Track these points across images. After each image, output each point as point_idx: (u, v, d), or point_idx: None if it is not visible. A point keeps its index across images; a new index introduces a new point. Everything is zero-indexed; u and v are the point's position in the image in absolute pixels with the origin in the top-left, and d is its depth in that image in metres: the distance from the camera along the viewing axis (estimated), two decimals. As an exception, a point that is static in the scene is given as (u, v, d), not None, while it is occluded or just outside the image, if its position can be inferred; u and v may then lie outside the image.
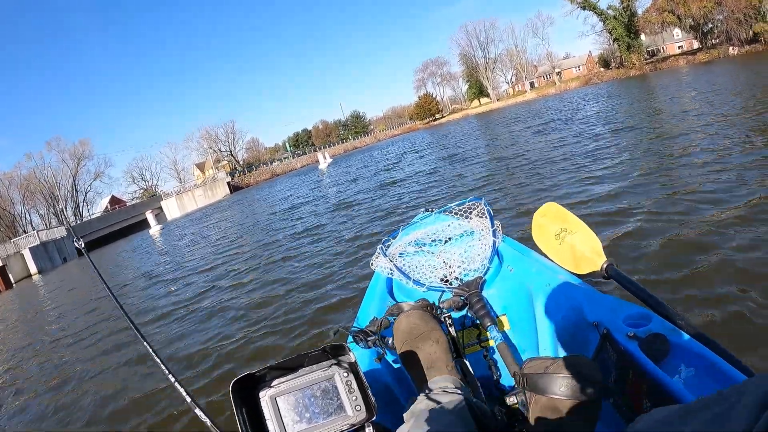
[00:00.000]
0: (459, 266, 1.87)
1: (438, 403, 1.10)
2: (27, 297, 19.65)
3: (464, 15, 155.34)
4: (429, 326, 1.38)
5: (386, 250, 2.16)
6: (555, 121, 18.99)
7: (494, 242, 1.94)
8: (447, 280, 1.84)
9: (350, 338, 1.54)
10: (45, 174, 67.65)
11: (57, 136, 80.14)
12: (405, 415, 1.16)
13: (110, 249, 33.62)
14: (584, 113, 19.80)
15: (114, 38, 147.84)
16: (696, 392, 1.07)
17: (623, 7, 55.65)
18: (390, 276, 2.02)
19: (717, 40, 49.04)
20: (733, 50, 45.32)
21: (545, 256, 2.11)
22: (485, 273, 1.81)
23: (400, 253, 2.11)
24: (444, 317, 1.52)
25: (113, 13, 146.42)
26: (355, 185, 17.19)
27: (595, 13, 58.56)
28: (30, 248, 34.97)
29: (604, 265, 1.78)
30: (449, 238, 2.14)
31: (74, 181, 70.72)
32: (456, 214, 2.29)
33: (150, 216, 37.58)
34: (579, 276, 1.89)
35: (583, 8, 58.91)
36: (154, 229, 34.43)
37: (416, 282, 1.83)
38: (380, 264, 2.07)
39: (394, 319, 1.48)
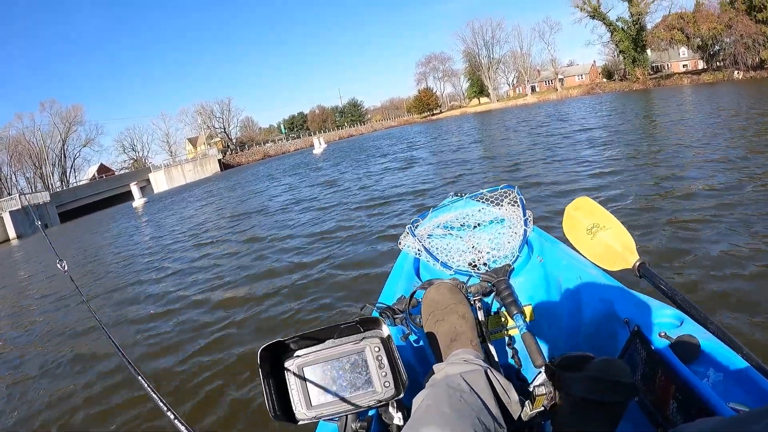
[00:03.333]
0: (488, 252, 1.85)
1: (457, 372, 1.06)
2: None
3: (470, 10, 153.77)
4: (457, 299, 1.37)
5: (414, 230, 2.13)
6: (573, 130, 18.65)
7: (525, 231, 1.90)
8: (475, 265, 1.80)
9: (375, 314, 1.47)
10: (34, 136, 66.37)
11: (52, 98, 78.08)
12: (426, 386, 1.10)
13: (93, 218, 33.18)
14: (602, 121, 19.79)
15: (116, 5, 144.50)
16: (724, 397, 1.05)
17: (633, 21, 55.62)
18: (417, 256, 2.00)
19: (723, 63, 49.16)
20: (738, 74, 45.40)
21: (576, 250, 2.06)
22: (514, 261, 1.78)
23: (429, 235, 2.10)
24: (474, 300, 1.51)
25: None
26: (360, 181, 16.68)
27: (604, 23, 58.57)
28: (10, 212, 33.92)
29: (637, 264, 1.76)
30: (478, 224, 2.13)
31: (63, 146, 69.41)
32: (487, 200, 2.26)
33: (134, 188, 36.95)
34: (610, 273, 1.85)
35: (593, 17, 58.86)
36: (138, 201, 34.06)
37: (444, 264, 1.82)
38: (408, 243, 2.06)
39: (424, 293, 1.45)
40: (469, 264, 1.81)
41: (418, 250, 1.96)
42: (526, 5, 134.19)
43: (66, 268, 1.85)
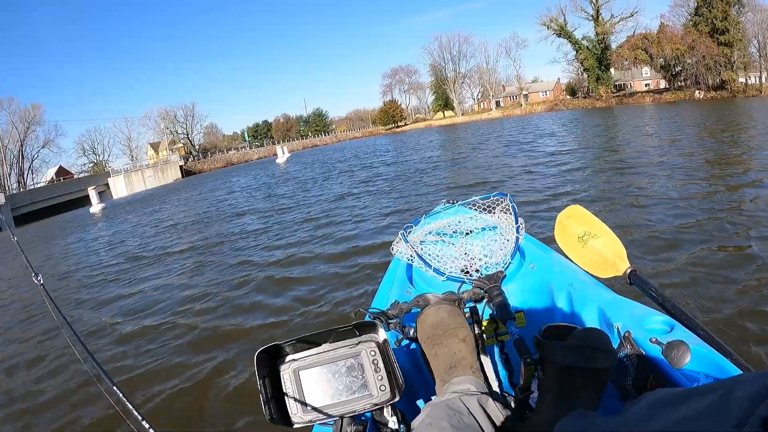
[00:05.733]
0: (480, 259, 1.85)
1: (460, 404, 1.08)
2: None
3: (438, 24, 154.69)
4: (457, 323, 1.34)
5: (407, 236, 2.07)
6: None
7: (517, 238, 1.90)
8: (467, 272, 1.80)
9: (368, 318, 1.45)
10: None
11: (10, 96, 73.95)
12: (425, 406, 1.14)
13: (52, 221, 31.32)
14: (578, 136, 19.59)
15: (79, 3, 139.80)
16: None
17: (598, 40, 56.90)
18: (410, 262, 1.98)
19: (684, 83, 50.48)
20: (699, 94, 46.87)
21: (567, 257, 2.06)
22: (506, 268, 1.78)
23: (421, 241, 2.08)
24: (469, 313, 1.52)
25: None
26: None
27: (570, 41, 59.89)
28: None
29: (627, 271, 1.78)
30: (471, 231, 2.14)
31: (22, 146, 65.52)
32: (479, 207, 2.25)
33: (92, 193, 34.74)
34: (601, 280, 1.85)
35: (559, 35, 60.20)
36: (96, 207, 32.00)
37: (436, 271, 1.80)
38: (400, 249, 2.02)
39: (419, 310, 1.43)
40: (462, 270, 1.80)
41: (411, 256, 1.94)
42: (494, 21, 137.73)
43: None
